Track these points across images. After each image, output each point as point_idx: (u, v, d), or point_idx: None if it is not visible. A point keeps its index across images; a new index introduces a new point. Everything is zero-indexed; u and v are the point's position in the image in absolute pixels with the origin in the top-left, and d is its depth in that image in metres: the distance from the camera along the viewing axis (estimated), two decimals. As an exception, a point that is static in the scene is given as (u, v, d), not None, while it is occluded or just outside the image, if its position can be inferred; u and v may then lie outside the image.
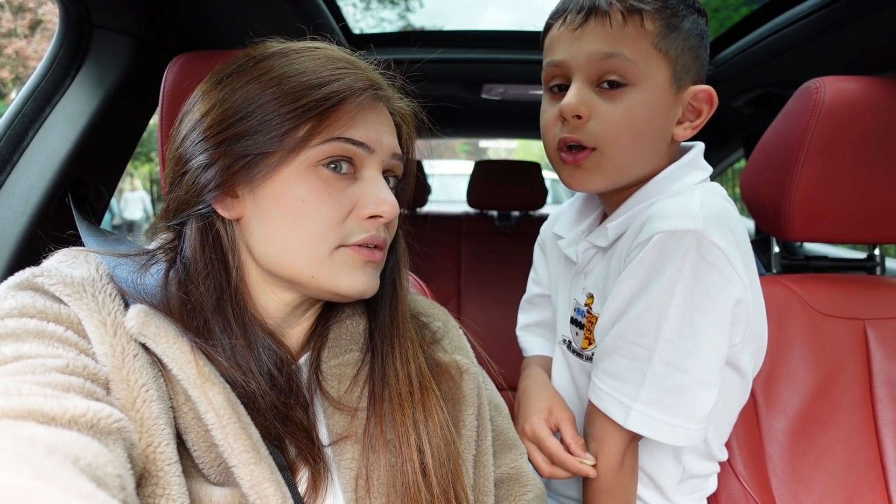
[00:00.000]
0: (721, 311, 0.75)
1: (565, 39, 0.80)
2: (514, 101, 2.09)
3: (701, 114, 0.84)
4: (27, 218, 0.99)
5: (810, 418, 1.05)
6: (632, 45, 0.77)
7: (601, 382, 0.80)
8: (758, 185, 1.15)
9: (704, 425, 0.77)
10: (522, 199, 2.66)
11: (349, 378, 0.66)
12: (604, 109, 0.78)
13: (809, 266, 1.28)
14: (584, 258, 0.93)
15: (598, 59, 0.78)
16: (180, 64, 0.97)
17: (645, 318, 0.75)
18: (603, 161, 0.81)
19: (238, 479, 0.53)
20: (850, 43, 1.29)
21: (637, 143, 0.81)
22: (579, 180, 0.83)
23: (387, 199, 0.62)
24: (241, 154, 0.59)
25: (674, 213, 0.75)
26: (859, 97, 1.03)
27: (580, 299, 0.91)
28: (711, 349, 0.75)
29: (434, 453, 0.63)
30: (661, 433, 0.76)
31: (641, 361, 0.76)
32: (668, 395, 0.75)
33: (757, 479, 1.00)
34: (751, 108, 1.82)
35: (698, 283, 0.73)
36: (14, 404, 0.41)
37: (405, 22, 10.06)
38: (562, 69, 0.82)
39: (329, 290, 0.62)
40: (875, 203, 1.07)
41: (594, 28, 0.78)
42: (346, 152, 0.61)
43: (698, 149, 0.88)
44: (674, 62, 0.79)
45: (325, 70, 0.60)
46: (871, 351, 1.08)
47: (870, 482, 1.02)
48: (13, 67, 7.88)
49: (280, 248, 0.60)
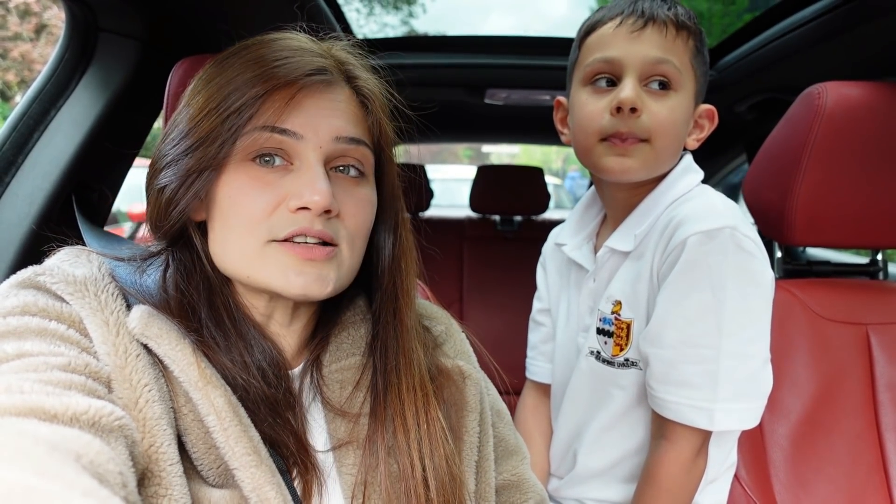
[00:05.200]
0: (766, 292, 0.83)
1: (621, 39, 0.86)
2: (517, 106, 2.09)
3: (703, 129, 0.94)
4: (32, 220, 0.99)
5: (813, 423, 1.05)
6: (678, 56, 0.85)
7: (673, 396, 0.82)
8: (760, 190, 1.15)
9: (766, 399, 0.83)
10: (525, 204, 2.66)
11: (351, 383, 0.65)
12: (654, 106, 0.85)
13: (812, 271, 1.28)
14: (600, 263, 0.95)
15: (653, 62, 0.85)
16: (184, 67, 0.98)
17: (703, 318, 0.80)
18: (649, 152, 0.87)
19: (239, 482, 0.53)
20: (853, 48, 1.30)
21: (675, 141, 0.89)
22: (621, 167, 0.88)
23: (318, 188, 0.57)
24: (196, 164, 0.59)
25: (703, 214, 0.82)
26: (861, 102, 1.03)
27: (605, 308, 0.93)
28: (766, 328, 0.83)
29: (436, 460, 0.63)
30: (745, 421, 0.82)
31: (709, 363, 0.79)
32: (743, 384, 0.80)
33: (759, 484, 1.00)
34: (753, 114, 1.82)
35: (744, 272, 0.80)
36: (16, 401, 0.41)
37: (408, 27, 10.09)
38: (613, 66, 0.87)
39: (265, 287, 0.59)
40: (877, 208, 1.07)
41: (651, 34, 0.85)
42: (271, 142, 0.58)
43: (689, 156, 0.96)
44: (698, 80, 0.89)
45: (251, 71, 0.58)
46: (873, 356, 1.08)
47: (872, 487, 1.02)
48: (18, 71, 7.92)
49: (221, 249, 0.60)
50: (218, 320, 0.59)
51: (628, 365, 0.90)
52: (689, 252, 0.80)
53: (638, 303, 0.88)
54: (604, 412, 0.94)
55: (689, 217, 0.82)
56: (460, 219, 2.75)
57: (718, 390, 0.79)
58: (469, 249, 2.63)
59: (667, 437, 0.84)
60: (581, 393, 0.98)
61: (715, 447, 0.87)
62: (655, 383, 0.84)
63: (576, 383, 0.99)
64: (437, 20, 15.24)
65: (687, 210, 0.84)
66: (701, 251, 0.79)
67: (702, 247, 0.79)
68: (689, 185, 0.90)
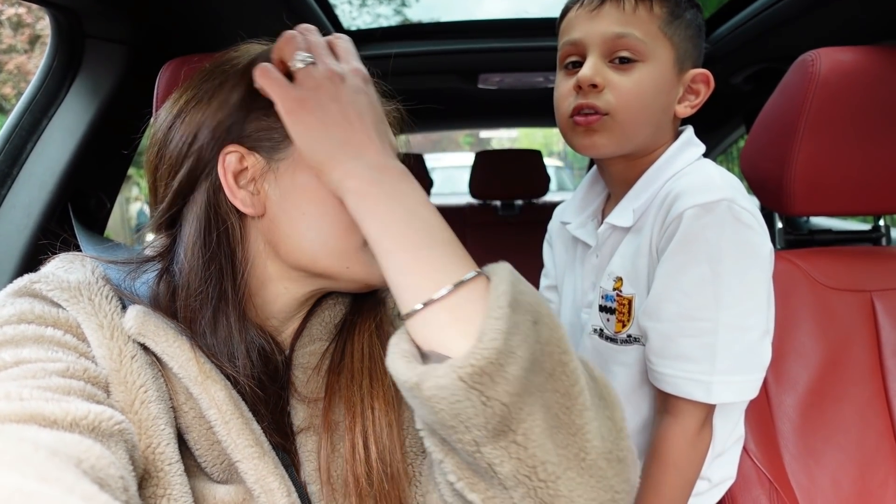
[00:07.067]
0: (765, 265, 0.83)
1: (582, 20, 0.88)
2: (511, 89, 2.08)
3: (699, 94, 0.91)
4: (30, 230, 1.00)
5: (821, 393, 1.04)
6: (641, 27, 0.85)
7: (671, 370, 0.82)
8: (758, 161, 1.14)
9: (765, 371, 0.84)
10: (525, 188, 2.65)
11: (311, 368, 0.65)
12: (617, 80, 0.85)
13: (814, 240, 1.27)
14: (601, 239, 0.96)
15: (612, 38, 0.85)
16: (172, 68, 0.98)
17: (701, 291, 0.79)
18: (613, 125, 0.87)
19: (243, 474, 0.53)
20: (847, 13, 1.28)
21: (644, 113, 0.87)
22: (589, 143, 0.89)
23: None
24: (268, 153, 0.58)
25: (700, 187, 0.82)
26: (856, 67, 1.01)
27: (607, 286, 0.93)
28: (765, 300, 0.83)
29: (377, 441, 0.61)
30: (743, 392, 0.82)
31: (707, 335, 0.79)
32: (742, 357, 0.80)
33: (769, 456, 1.00)
34: (750, 85, 1.80)
35: (741, 244, 0.79)
36: (16, 408, 0.41)
37: (402, 17, 10.03)
38: (577, 47, 0.89)
39: (362, 280, 0.62)
40: (877, 174, 1.06)
41: (609, 10, 0.86)
42: None
43: (690, 129, 0.95)
44: (677, 46, 0.87)
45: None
46: (879, 323, 1.07)
47: (882, 455, 1.01)
48: (15, 83, 7.93)
49: (314, 242, 0.59)
50: (220, 317, 0.58)
51: (631, 341, 0.90)
52: (686, 225, 0.80)
53: (638, 278, 0.89)
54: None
55: (686, 190, 0.82)
56: (461, 206, 2.75)
57: (716, 363, 0.79)
58: (471, 236, 2.63)
59: (670, 412, 0.84)
60: None
61: (721, 420, 0.87)
62: (654, 357, 0.84)
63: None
64: (431, 8, 15.13)
65: (684, 184, 0.84)
66: (698, 224, 0.79)
67: (699, 220, 0.79)
68: (689, 159, 0.90)
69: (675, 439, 0.83)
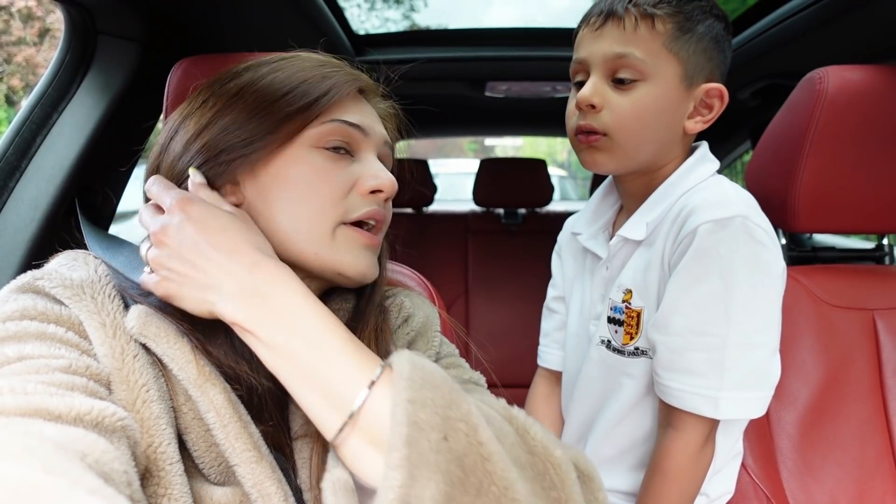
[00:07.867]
0: (777, 283, 0.83)
1: (587, 39, 0.89)
2: (518, 98, 2.09)
3: (713, 108, 0.90)
4: (37, 224, 1.00)
5: (820, 410, 1.04)
6: (642, 46, 0.84)
7: (678, 383, 0.82)
8: (763, 176, 1.15)
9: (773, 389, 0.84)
10: (528, 197, 2.65)
11: None
12: (615, 101, 0.86)
13: (817, 257, 1.27)
14: (612, 251, 0.96)
15: (612, 58, 0.85)
16: (183, 68, 0.98)
17: (711, 306, 0.80)
18: (612, 145, 0.88)
19: (240, 478, 0.53)
20: (855, 32, 1.28)
21: (644, 132, 0.87)
22: (592, 160, 0.91)
23: (386, 175, 0.65)
24: (241, 150, 0.61)
25: (715, 203, 0.82)
26: (863, 86, 1.02)
27: (616, 297, 0.93)
28: (776, 319, 0.83)
29: None
30: (750, 410, 0.82)
31: (716, 350, 0.79)
32: (750, 373, 0.80)
33: (766, 472, 1.00)
34: (757, 100, 1.81)
35: (754, 261, 0.79)
36: (21, 402, 0.41)
37: (410, 21, 10.07)
38: (583, 66, 0.90)
39: (332, 268, 0.62)
40: (881, 193, 1.06)
41: (610, 30, 0.86)
42: (342, 134, 0.64)
43: (705, 145, 0.95)
44: (685, 62, 0.86)
45: (317, 70, 0.64)
46: (880, 341, 1.07)
47: (881, 473, 1.01)
48: (24, 75, 7.97)
49: (285, 229, 0.61)
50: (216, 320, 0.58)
51: (638, 354, 0.90)
52: (700, 240, 0.80)
53: (648, 291, 0.89)
54: (614, 401, 0.94)
55: (700, 206, 0.83)
56: (464, 213, 2.75)
57: (724, 378, 0.79)
58: (474, 243, 2.64)
59: (674, 425, 0.84)
60: (592, 382, 0.98)
61: (722, 436, 0.87)
62: (662, 370, 0.84)
63: (587, 372, 0.99)
64: (439, 14, 15.18)
65: (699, 199, 0.84)
66: (712, 240, 0.79)
67: (713, 235, 0.79)
68: (703, 174, 0.90)
69: (678, 453, 0.83)
